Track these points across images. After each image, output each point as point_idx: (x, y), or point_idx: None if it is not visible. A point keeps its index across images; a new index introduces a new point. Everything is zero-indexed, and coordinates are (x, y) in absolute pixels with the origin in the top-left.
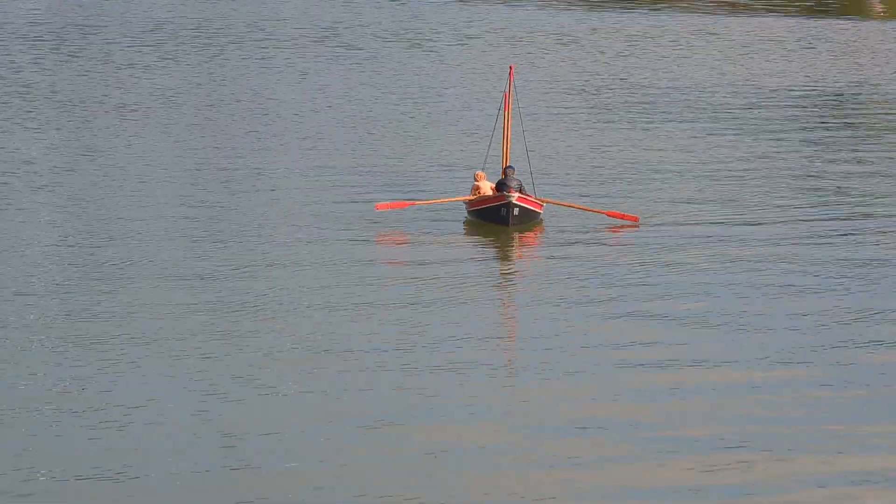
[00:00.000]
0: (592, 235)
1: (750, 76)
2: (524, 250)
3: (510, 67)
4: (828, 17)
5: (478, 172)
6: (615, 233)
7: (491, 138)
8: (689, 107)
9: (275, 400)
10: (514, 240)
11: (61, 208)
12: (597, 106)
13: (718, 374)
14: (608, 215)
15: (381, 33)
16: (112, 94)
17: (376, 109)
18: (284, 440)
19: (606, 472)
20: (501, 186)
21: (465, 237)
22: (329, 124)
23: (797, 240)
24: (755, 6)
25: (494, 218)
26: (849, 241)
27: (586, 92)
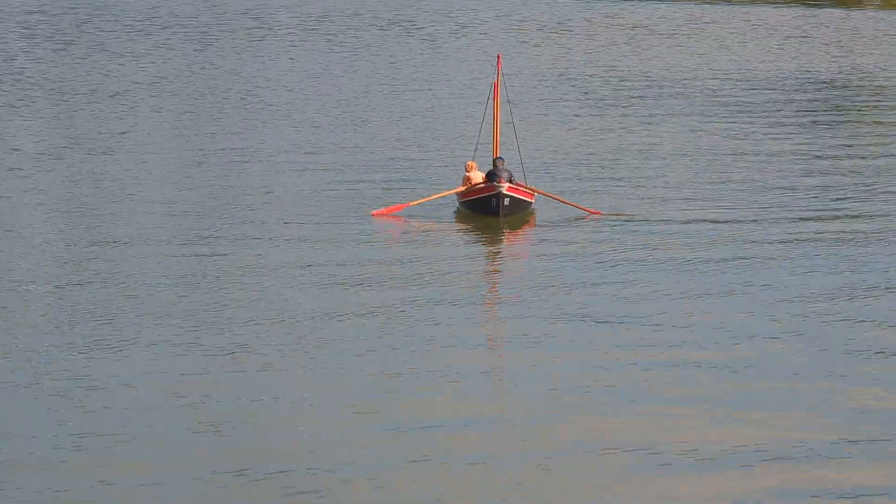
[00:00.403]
0: (582, 225)
1: (743, 66)
2: (514, 240)
3: (498, 57)
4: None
5: (469, 163)
6: (605, 222)
7: (480, 128)
8: (680, 97)
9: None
10: (504, 230)
11: (53, 193)
12: (587, 95)
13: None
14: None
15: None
16: (104, 82)
17: (366, 99)
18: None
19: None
20: (492, 177)
21: (457, 228)
22: (317, 115)
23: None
24: None
25: (485, 209)
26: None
27: (577, 81)
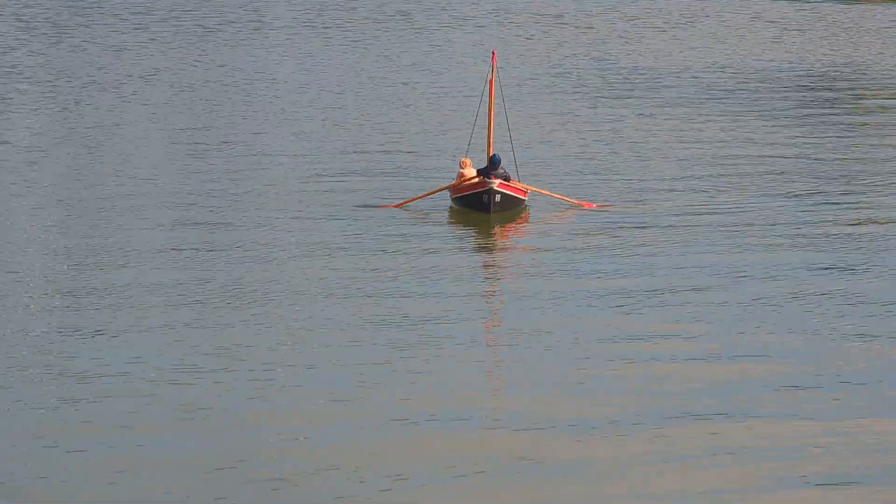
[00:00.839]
0: (574, 221)
1: (740, 59)
2: (504, 236)
3: (493, 53)
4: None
5: (463, 159)
6: (596, 217)
7: (474, 125)
8: (677, 91)
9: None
10: (494, 226)
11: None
12: (582, 89)
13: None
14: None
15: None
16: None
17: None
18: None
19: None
20: (484, 173)
21: (447, 224)
22: (312, 109)
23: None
24: None
25: (476, 205)
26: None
27: (572, 76)
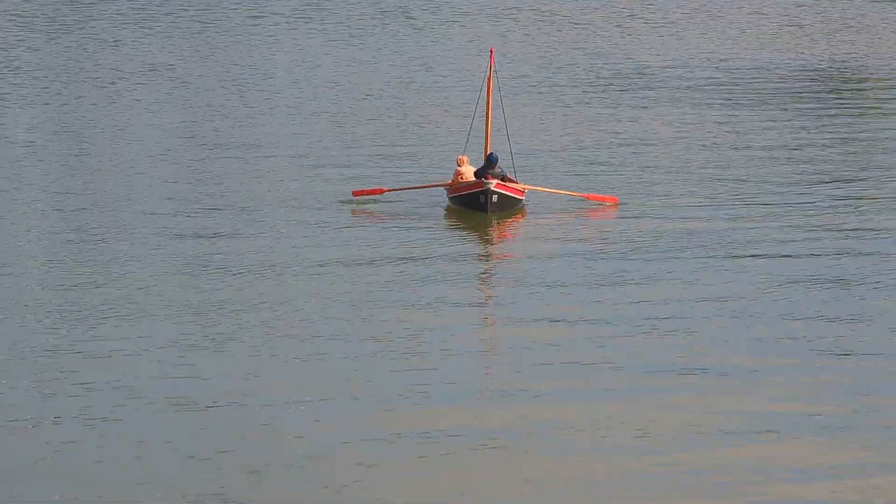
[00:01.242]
0: (572, 220)
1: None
2: (501, 236)
3: (491, 51)
4: None
5: (461, 157)
6: (594, 216)
7: (472, 122)
8: (675, 86)
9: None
10: (491, 226)
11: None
12: (580, 86)
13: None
14: (588, 198)
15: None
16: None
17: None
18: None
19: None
20: (482, 172)
21: (444, 223)
22: (309, 104)
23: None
24: None
25: (473, 204)
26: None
27: (571, 72)
